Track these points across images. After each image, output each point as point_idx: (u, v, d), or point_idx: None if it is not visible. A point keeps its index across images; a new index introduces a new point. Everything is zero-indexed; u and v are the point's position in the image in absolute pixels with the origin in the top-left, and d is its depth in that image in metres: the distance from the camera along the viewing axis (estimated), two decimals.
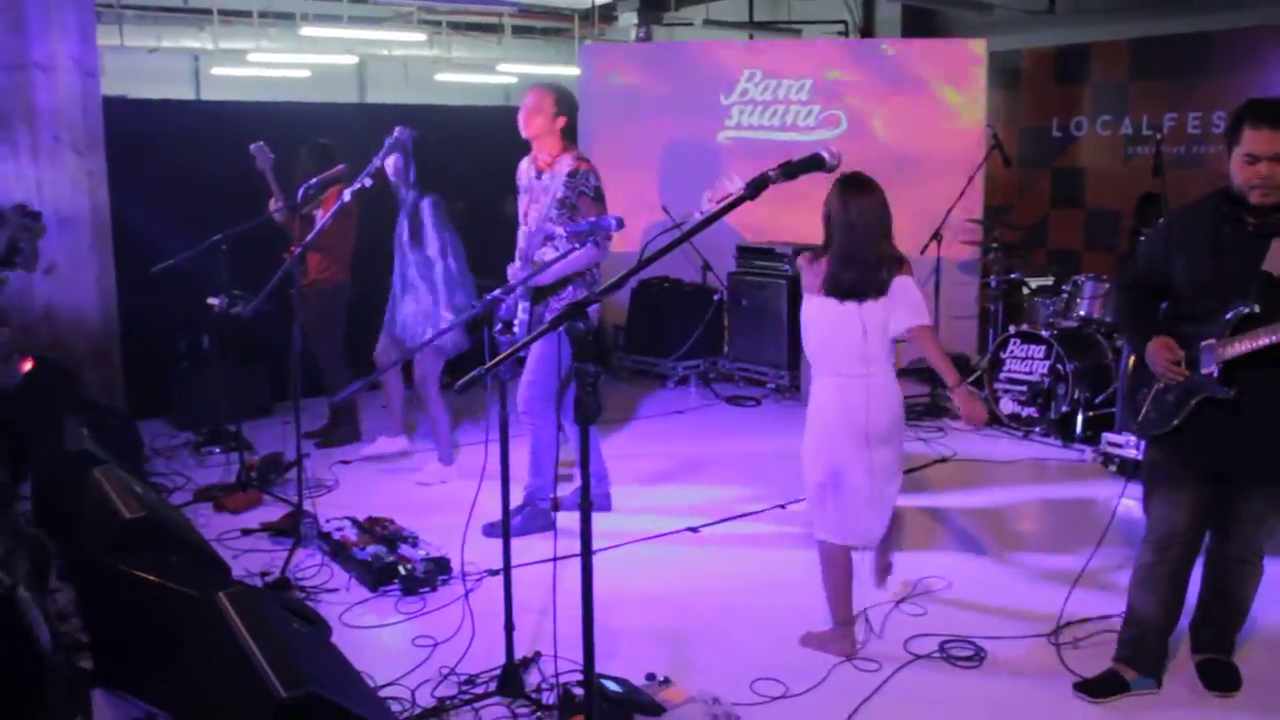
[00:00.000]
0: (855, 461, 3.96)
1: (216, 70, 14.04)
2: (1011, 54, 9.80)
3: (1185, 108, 8.84)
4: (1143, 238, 5.27)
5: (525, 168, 5.39)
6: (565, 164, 5.18)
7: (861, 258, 3.89)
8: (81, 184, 6.02)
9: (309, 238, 5.47)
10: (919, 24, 11.10)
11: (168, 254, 6.09)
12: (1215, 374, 3.48)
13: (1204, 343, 3.51)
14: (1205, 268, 3.54)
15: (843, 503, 4.01)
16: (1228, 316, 3.45)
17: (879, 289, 3.90)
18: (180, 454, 6.52)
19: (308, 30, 12.33)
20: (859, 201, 3.90)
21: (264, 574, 4.71)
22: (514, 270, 5.35)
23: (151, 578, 3.23)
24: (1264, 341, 3.37)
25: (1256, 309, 3.39)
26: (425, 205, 5.88)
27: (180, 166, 7.19)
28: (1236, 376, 3.46)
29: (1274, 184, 3.33)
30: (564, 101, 5.25)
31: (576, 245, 4.81)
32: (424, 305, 5.91)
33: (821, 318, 3.98)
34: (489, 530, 5.03)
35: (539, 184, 5.26)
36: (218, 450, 6.44)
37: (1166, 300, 3.75)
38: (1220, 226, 3.51)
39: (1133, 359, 3.84)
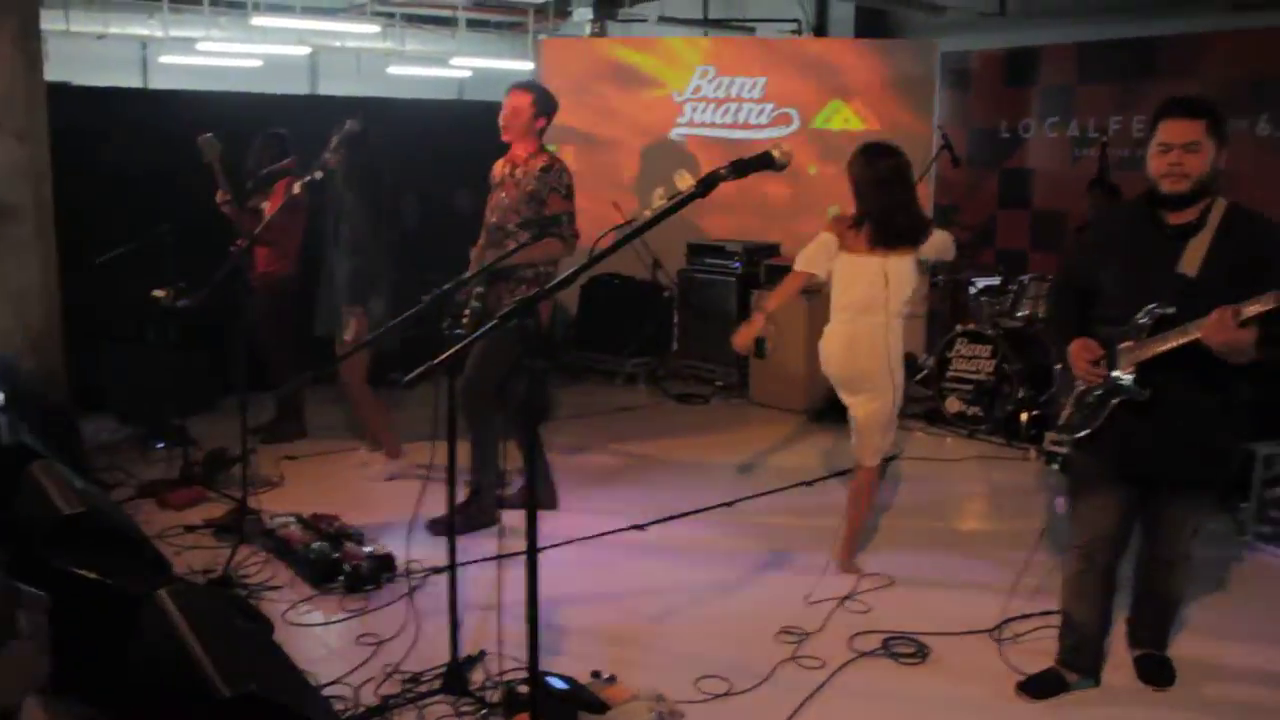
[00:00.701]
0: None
1: (165, 58, 13.87)
2: (962, 55, 9.90)
3: (1130, 111, 8.98)
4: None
5: (500, 165, 5.39)
6: (540, 159, 5.20)
7: (902, 207, 4.57)
8: (24, 171, 5.90)
9: (257, 230, 5.42)
10: (871, 24, 11.17)
11: (113, 244, 6.02)
12: (1131, 376, 3.50)
13: (1121, 345, 3.53)
14: (1126, 269, 3.58)
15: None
16: (1143, 318, 3.46)
17: (915, 238, 4.57)
18: (123, 449, 6.43)
19: (259, 20, 12.20)
20: (885, 161, 4.56)
21: (207, 571, 4.65)
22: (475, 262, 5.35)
23: (90, 575, 3.19)
24: (1173, 344, 3.38)
25: (1171, 311, 3.40)
26: (349, 200, 5.78)
27: (127, 155, 7.07)
28: (1152, 378, 3.47)
29: (1182, 171, 3.36)
30: (543, 102, 5.26)
31: (527, 236, 4.85)
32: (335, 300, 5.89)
33: (851, 269, 4.59)
34: (433, 527, 5.02)
35: (511, 179, 5.26)
36: (161, 445, 6.36)
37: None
38: (1141, 228, 3.55)
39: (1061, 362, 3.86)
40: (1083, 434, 3.67)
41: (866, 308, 4.55)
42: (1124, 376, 3.51)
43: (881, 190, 4.53)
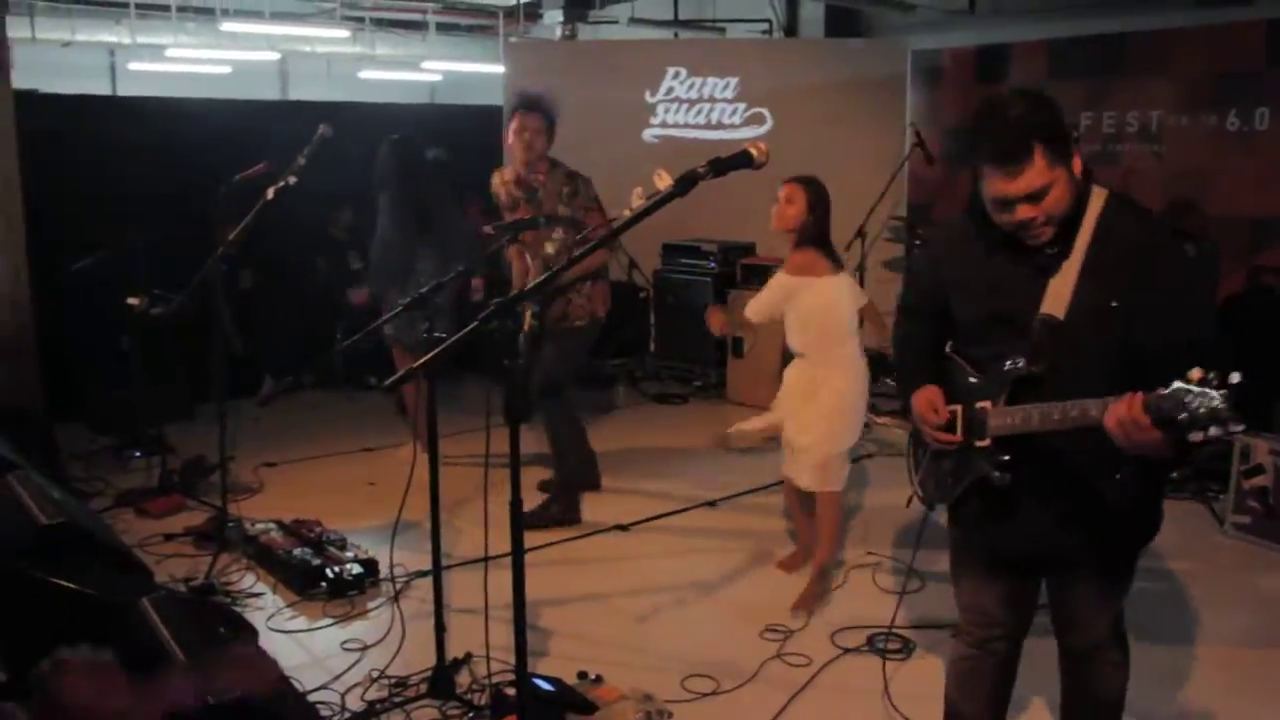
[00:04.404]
0: None
1: (134, 65, 13.73)
2: (933, 53, 9.92)
3: (1101, 107, 9.02)
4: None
5: (507, 185, 5.58)
6: (558, 175, 5.50)
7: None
8: None
9: (231, 236, 5.38)
10: (842, 23, 11.19)
11: (85, 252, 5.97)
12: (990, 449, 2.63)
13: (979, 404, 2.65)
14: (975, 302, 2.72)
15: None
16: (1004, 370, 2.59)
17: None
18: (100, 458, 6.38)
19: (228, 25, 12.09)
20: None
21: (188, 579, 4.62)
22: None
23: (70, 585, 3.16)
24: (1036, 424, 2.50)
25: (1035, 369, 2.53)
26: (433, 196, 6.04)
27: (97, 162, 7.03)
28: (1015, 454, 2.60)
29: (1039, 223, 2.48)
30: (553, 122, 5.57)
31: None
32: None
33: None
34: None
35: (531, 202, 5.47)
36: (138, 454, 6.30)
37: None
38: (991, 250, 2.64)
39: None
40: (944, 503, 2.89)
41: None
42: (983, 448, 2.65)
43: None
